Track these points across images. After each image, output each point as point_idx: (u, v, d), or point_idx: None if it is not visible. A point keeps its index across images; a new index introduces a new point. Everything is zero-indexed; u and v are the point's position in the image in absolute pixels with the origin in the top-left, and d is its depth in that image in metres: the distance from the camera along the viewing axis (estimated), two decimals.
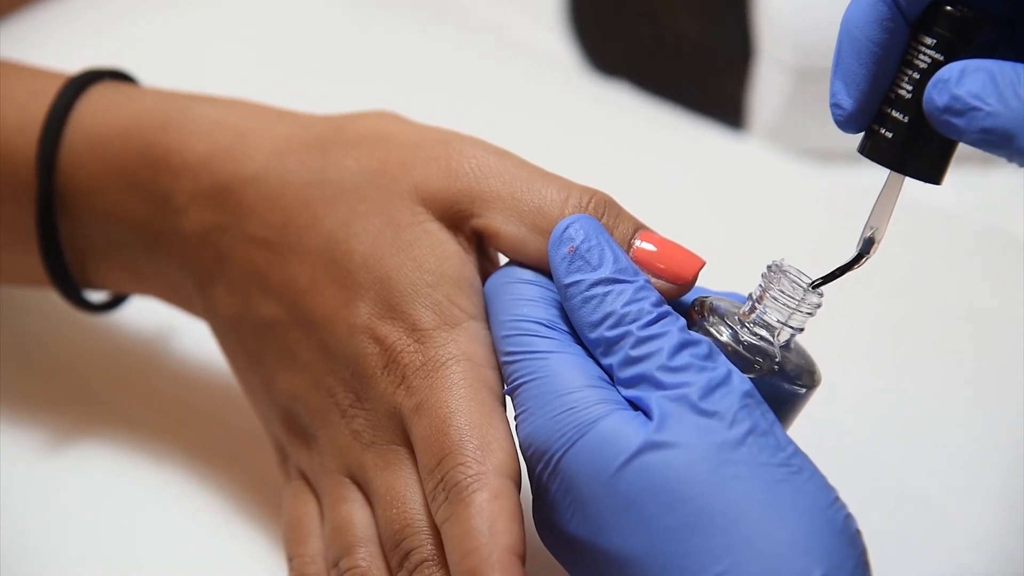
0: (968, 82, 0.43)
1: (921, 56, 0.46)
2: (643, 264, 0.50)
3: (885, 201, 0.48)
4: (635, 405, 0.46)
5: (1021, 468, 0.67)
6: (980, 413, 0.71)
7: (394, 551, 0.49)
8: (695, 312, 0.50)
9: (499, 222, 0.51)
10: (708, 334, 0.49)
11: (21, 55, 0.67)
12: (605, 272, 0.48)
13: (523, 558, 0.45)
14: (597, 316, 0.47)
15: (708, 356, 0.46)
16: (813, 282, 0.49)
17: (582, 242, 0.48)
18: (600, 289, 0.48)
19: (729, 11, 0.92)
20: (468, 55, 0.95)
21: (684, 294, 0.50)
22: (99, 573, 0.59)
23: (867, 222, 0.49)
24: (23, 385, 0.67)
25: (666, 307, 0.47)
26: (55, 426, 0.65)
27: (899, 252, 0.60)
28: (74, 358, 0.68)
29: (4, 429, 0.64)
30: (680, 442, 0.44)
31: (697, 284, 0.51)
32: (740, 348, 0.48)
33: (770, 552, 0.42)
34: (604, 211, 0.51)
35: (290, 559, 0.54)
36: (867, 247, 0.49)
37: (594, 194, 0.51)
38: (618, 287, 0.47)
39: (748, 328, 0.49)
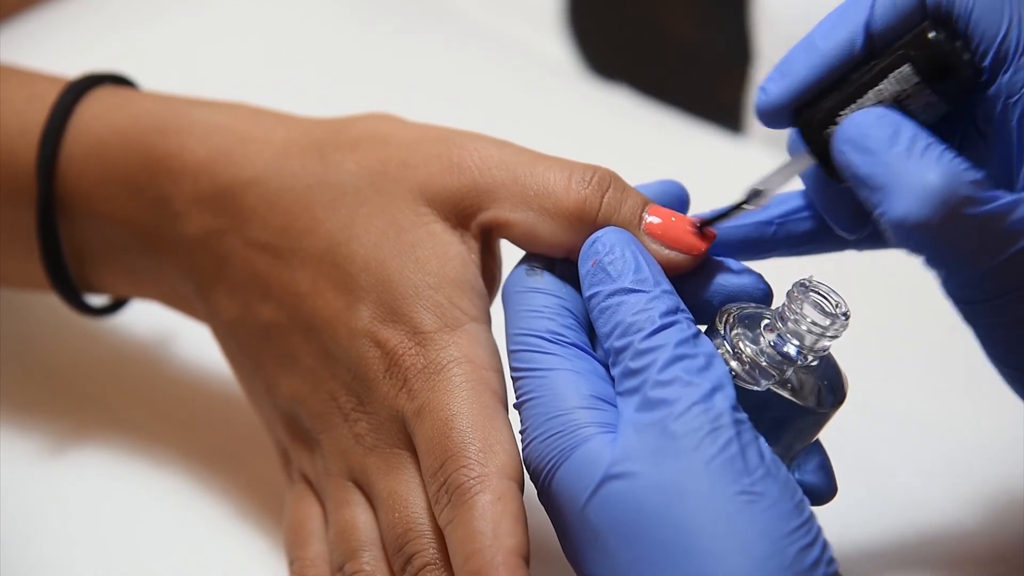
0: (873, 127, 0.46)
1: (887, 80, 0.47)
2: (655, 236, 0.50)
3: (788, 170, 0.50)
4: None
5: (1019, 471, 0.67)
6: (979, 416, 0.71)
7: (397, 555, 0.49)
8: (718, 321, 0.49)
9: (507, 211, 0.51)
10: (723, 346, 0.48)
11: (21, 59, 0.67)
12: (623, 283, 0.48)
13: (527, 559, 0.45)
14: (608, 327, 0.47)
15: (700, 371, 0.45)
16: (701, 222, 0.50)
17: (605, 255, 0.48)
18: (615, 300, 0.47)
19: (727, 15, 0.92)
20: (467, 59, 0.95)
21: (695, 264, 0.50)
22: None
23: (766, 177, 0.50)
24: (23, 389, 0.66)
25: (674, 317, 0.47)
26: (55, 430, 0.65)
27: (898, 254, 0.60)
28: (75, 362, 0.68)
29: (4, 433, 0.64)
30: (639, 472, 0.44)
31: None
32: (754, 364, 0.47)
33: None
34: (609, 186, 0.50)
35: (291, 562, 0.54)
36: (752, 197, 0.50)
37: (596, 170, 0.51)
38: (632, 297, 0.47)
39: (769, 345, 0.48)
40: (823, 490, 0.51)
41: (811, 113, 0.49)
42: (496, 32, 0.99)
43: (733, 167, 0.89)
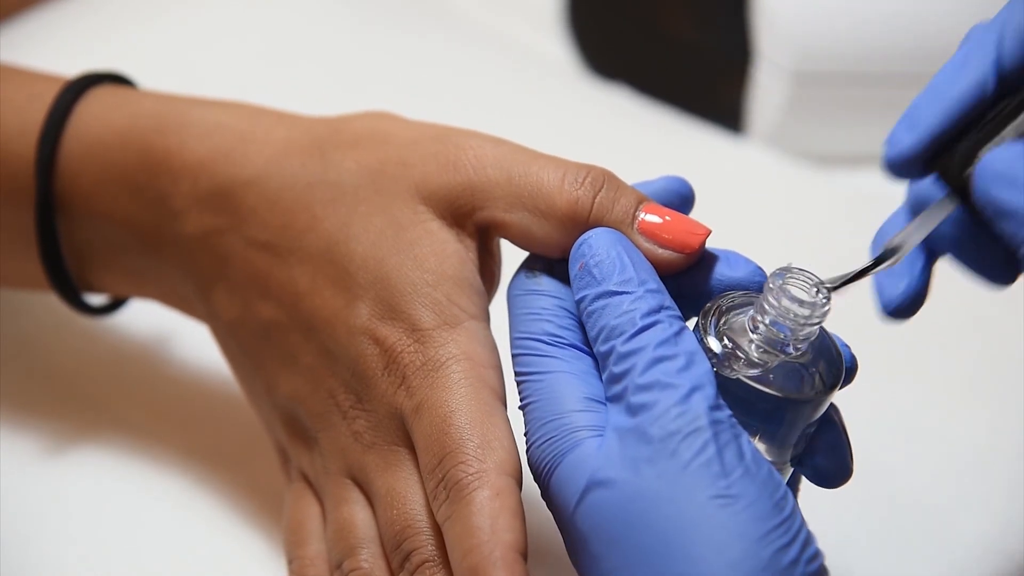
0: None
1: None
2: (649, 235, 0.50)
3: (926, 222, 0.48)
4: None
5: (1023, 475, 0.67)
6: (982, 421, 0.71)
7: (395, 552, 0.49)
8: (705, 313, 0.48)
9: (502, 211, 0.51)
10: (705, 340, 0.47)
11: (21, 59, 0.67)
12: (607, 285, 0.47)
13: (525, 555, 0.45)
14: (595, 331, 0.47)
15: (679, 371, 0.45)
16: (826, 285, 0.47)
17: (591, 257, 0.48)
18: (600, 303, 0.47)
19: (728, 15, 0.92)
20: (467, 59, 0.95)
21: (692, 262, 0.50)
22: None
23: (902, 231, 0.48)
24: (23, 389, 0.66)
25: (656, 316, 0.46)
26: (55, 430, 0.64)
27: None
28: (74, 361, 0.68)
29: (4, 433, 0.64)
30: (619, 479, 0.44)
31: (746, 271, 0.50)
32: (743, 356, 0.47)
33: None
34: (603, 185, 0.50)
35: (290, 561, 0.54)
36: (888, 255, 0.48)
37: (590, 170, 0.50)
38: (616, 299, 0.47)
39: (755, 336, 0.47)
40: (833, 472, 0.50)
41: (949, 157, 0.46)
42: (496, 32, 0.99)
43: (733, 167, 0.89)
